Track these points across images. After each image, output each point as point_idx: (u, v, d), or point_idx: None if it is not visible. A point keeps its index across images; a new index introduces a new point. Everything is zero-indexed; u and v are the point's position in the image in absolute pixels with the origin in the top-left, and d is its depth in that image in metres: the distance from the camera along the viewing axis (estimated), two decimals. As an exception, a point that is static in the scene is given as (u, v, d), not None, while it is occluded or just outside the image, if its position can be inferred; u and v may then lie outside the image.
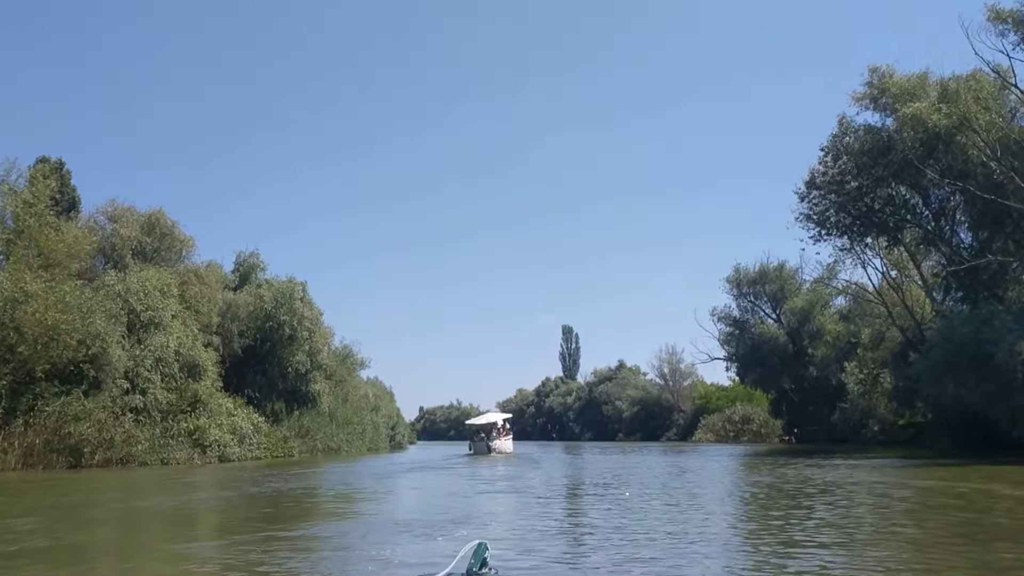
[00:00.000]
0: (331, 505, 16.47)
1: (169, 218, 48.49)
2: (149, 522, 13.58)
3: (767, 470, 25.99)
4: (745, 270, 68.29)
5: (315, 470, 31.67)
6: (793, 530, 10.39)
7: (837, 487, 17.78)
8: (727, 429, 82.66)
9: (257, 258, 58.96)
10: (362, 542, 9.79)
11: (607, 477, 23.11)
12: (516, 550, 8.40)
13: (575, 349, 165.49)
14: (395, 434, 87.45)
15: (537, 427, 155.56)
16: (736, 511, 13.80)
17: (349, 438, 64.22)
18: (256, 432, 43.74)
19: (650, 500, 15.24)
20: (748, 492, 17.29)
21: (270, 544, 9.64)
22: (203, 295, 47.27)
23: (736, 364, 71.97)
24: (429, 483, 24.06)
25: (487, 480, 24.39)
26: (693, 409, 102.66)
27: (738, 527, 11.54)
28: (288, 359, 52.87)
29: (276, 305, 52.45)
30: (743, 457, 40.57)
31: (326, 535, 10.98)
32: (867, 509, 13.66)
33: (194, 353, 41.56)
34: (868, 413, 54.64)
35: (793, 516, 12.01)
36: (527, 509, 14.15)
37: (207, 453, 38.32)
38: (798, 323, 65.36)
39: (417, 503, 16.59)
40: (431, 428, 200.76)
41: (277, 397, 54.00)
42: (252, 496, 18.48)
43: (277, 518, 13.66)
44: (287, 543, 9.84)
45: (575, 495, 17.76)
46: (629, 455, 45.11)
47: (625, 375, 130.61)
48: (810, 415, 66.82)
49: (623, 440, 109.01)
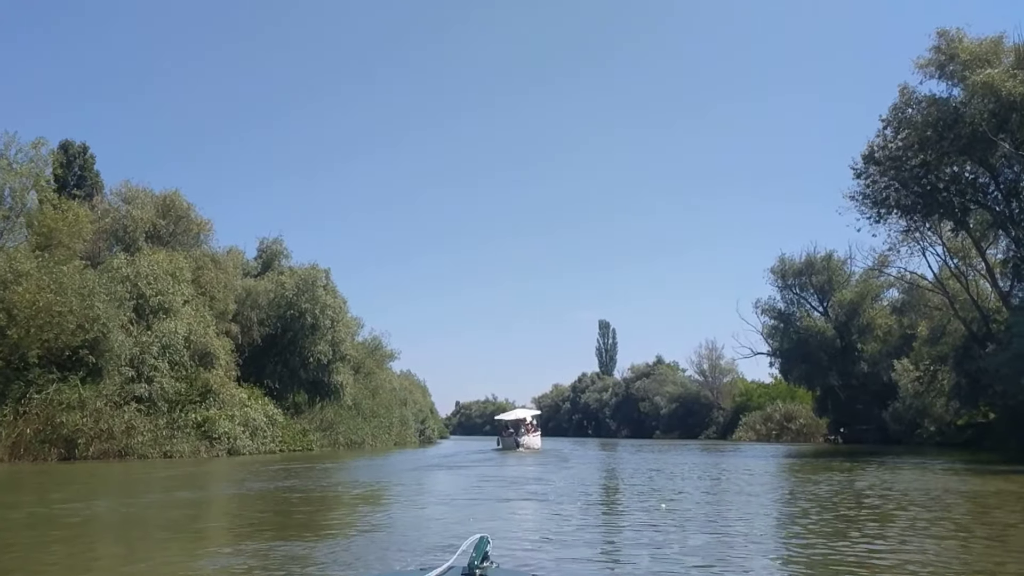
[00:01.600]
0: (308, 514, 13.92)
1: (185, 200, 46.42)
2: (72, 528, 11.14)
3: (823, 474, 23.03)
4: (790, 261, 64.82)
5: (327, 466, 29.28)
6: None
7: (931, 497, 14.86)
8: (768, 428, 79.24)
9: (280, 244, 56.91)
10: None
11: (641, 480, 20.39)
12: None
13: (612, 345, 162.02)
14: (424, 428, 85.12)
15: (573, 423, 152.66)
16: (799, 533, 10.99)
17: (375, 432, 61.89)
18: (271, 424, 41.52)
19: (689, 517, 12.41)
20: (809, 506, 14.32)
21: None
22: (219, 281, 45.15)
23: (780, 359, 68.45)
24: (442, 485, 21.47)
25: (507, 482, 21.71)
26: (733, 407, 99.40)
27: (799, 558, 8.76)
28: (310, 349, 50.68)
29: (297, 293, 50.27)
30: (790, 458, 37.57)
31: (280, 555, 8.43)
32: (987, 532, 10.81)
33: (206, 340, 39.41)
34: (923, 412, 51.18)
35: (881, 546, 9.21)
36: (544, 525, 11.45)
37: (215, 446, 36.13)
38: (847, 316, 61.79)
39: (416, 516, 13.95)
40: (467, 423, 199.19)
41: (298, 388, 51.87)
42: (220, 498, 16.07)
43: (231, 527, 11.18)
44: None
45: (603, 505, 15.03)
46: (666, 454, 42.28)
47: (663, 371, 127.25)
48: (858, 414, 63.32)
49: (660, 437, 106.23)
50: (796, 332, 64.28)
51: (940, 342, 45.43)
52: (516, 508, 13.80)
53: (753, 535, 10.22)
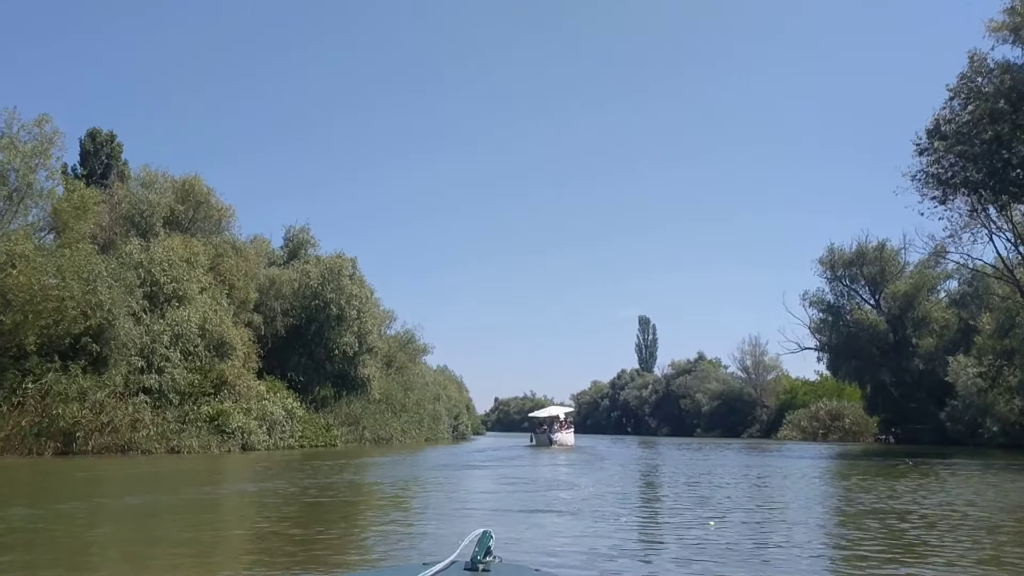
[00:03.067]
0: (286, 523, 11.65)
1: (205, 185, 44.56)
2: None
3: (891, 481, 20.30)
4: (840, 251, 61.36)
5: (341, 463, 27.11)
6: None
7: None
8: (815, 426, 76.01)
9: (307, 233, 54.92)
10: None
11: (683, 486, 17.90)
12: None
13: (652, 341, 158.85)
14: (458, 424, 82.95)
15: (612, 421, 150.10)
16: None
17: (405, 427, 59.84)
18: (289, 419, 39.48)
19: (742, 539, 9.88)
20: (901, 528, 11.69)
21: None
22: (239, 269, 43.27)
23: (828, 355, 65.05)
24: (459, 489, 19.11)
25: (533, 487, 19.31)
26: (777, 405, 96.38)
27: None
28: (335, 340, 48.62)
29: (322, 282, 48.26)
30: (843, 460, 34.74)
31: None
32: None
33: (222, 330, 37.48)
34: (985, 411, 47.81)
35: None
36: (571, 546, 9.02)
37: (229, 441, 34.16)
38: (900, 310, 58.31)
39: (415, 534, 11.60)
40: (505, 419, 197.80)
41: (324, 382, 49.92)
42: (190, 501, 13.89)
43: (173, 543, 8.94)
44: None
45: (641, 520, 12.51)
46: (710, 454, 39.64)
47: (704, 368, 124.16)
48: (911, 413, 59.97)
49: (701, 436, 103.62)
50: (846, 326, 60.93)
51: (1009, 335, 42.05)
52: (540, 522, 11.37)
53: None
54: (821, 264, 61.85)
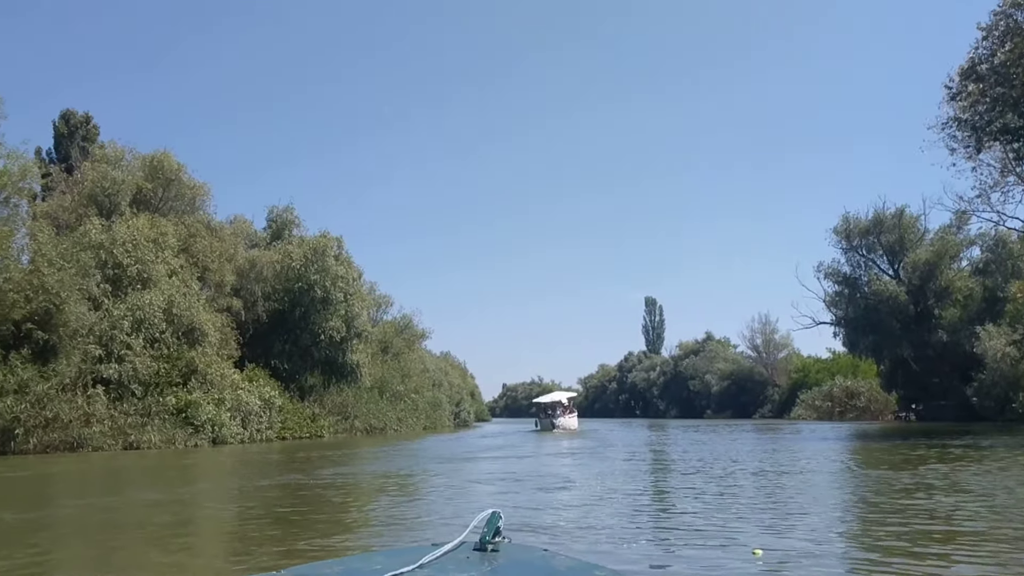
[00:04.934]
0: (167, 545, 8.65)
1: (176, 161, 41.61)
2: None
3: (948, 467, 17.25)
4: (856, 219, 57.75)
5: (317, 456, 24.18)
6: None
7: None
8: (829, 406, 72.77)
9: (291, 213, 52.00)
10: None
11: (700, 484, 14.86)
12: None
13: (659, 322, 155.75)
14: (460, 411, 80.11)
15: (620, 404, 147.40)
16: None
17: (401, 416, 57.13)
18: (267, 409, 36.57)
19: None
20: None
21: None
22: (214, 250, 40.41)
23: (845, 329, 61.60)
24: (432, 494, 16.10)
25: (523, 487, 16.32)
26: (789, 384, 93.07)
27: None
28: (321, 325, 45.67)
29: (306, 263, 45.29)
30: (872, 442, 31.65)
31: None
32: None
33: (191, 315, 34.58)
34: (1016, 384, 44.62)
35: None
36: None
37: (198, 434, 31.26)
38: (921, 279, 54.83)
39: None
40: (513, 405, 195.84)
41: (310, 369, 47.03)
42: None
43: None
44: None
45: (659, 543, 9.48)
46: (723, 437, 36.61)
47: (713, 348, 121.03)
48: (933, 388, 56.64)
49: (712, 417, 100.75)
50: (864, 298, 57.48)
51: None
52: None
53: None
54: (836, 233, 58.38)
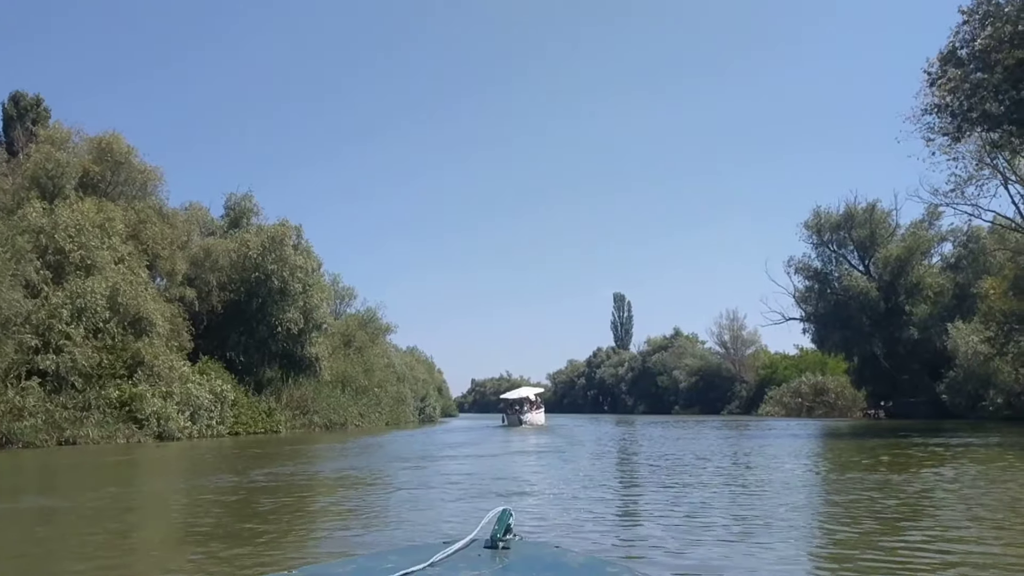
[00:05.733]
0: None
1: (126, 143, 39.75)
2: None
3: (935, 468, 16.20)
4: (827, 214, 57.16)
5: (262, 452, 22.75)
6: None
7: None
8: (798, 402, 72.24)
9: (250, 201, 50.08)
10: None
11: (681, 488, 13.66)
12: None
13: (627, 318, 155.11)
14: (424, 406, 78.62)
15: (588, 400, 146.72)
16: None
17: (363, 411, 55.66)
18: (218, 403, 34.96)
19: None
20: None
21: None
22: (165, 237, 38.67)
23: (814, 325, 61.01)
24: (357, 514, 14.75)
25: (473, 491, 15.04)
26: (757, 380, 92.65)
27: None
28: (279, 317, 44.05)
29: (263, 252, 43.57)
30: (844, 439, 30.71)
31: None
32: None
33: (138, 304, 32.86)
34: (987, 381, 44.04)
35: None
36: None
37: (143, 430, 29.63)
38: (892, 275, 54.35)
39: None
40: (481, 400, 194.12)
41: (268, 362, 45.38)
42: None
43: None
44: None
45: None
46: (691, 432, 35.59)
47: (682, 343, 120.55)
48: (903, 385, 56.27)
49: (680, 413, 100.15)
50: (834, 294, 56.96)
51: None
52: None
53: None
54: (807, 228, 57.77)
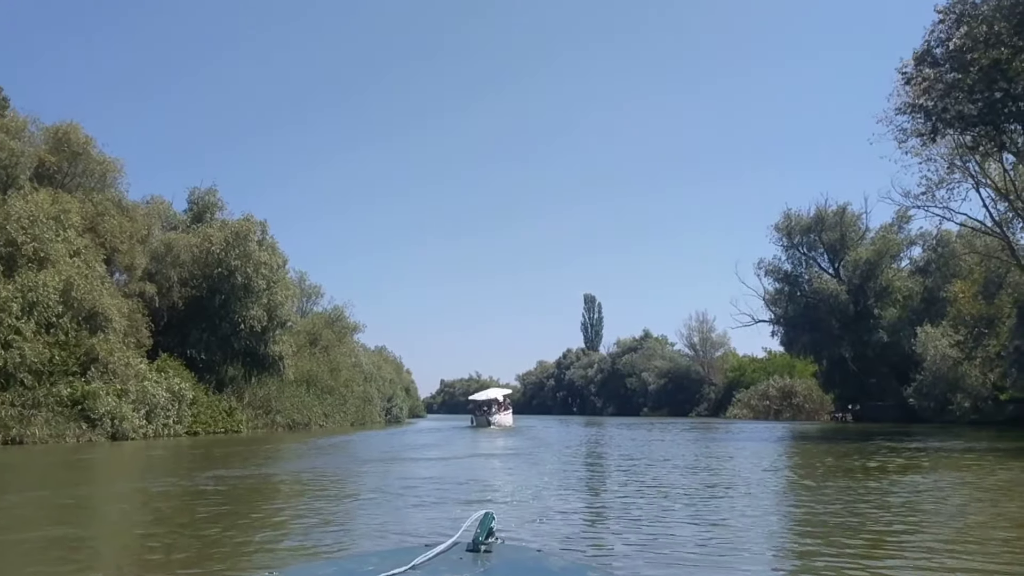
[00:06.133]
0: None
1: (85, 133, 38.65)
2: None
3: (929, 478, 15.74)
4: (797, 216, 57.07)
5: (215, 452, 21.89)
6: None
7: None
8: (765, 405, 72.30)
9: (214, 195, 48.91)
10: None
11: (637, 500, 13.09)
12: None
13: (598, 319, 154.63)
14: (391, 406, 77.67)
15: (558, 401, 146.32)
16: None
17: (328, 411, 54.76)
18: (176, 402, 33.97)
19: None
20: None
21: None
22: (124, 231, 37.56)
23: (783, 328, 60.81)
24: (294, 521, 13.98)
25: (430, 497, 14.35)
26: (725, 383, 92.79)
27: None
28: (242, 314, 42.99)
29: (226, 248, 42.54)
30: (814, 443, 30.41)
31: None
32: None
33: (94, 299, 31.79)
34: (956, 386, 43.97)
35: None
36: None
37: (94, 428, 28.61)
38: (861, 278, 54.29)
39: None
40: (450, 401, 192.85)
41: (231, 360, 44.30)
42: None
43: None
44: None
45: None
46: (661, 435, 35.13)
47: (651, 345, 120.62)
48: (871, 389, 56.31)
49: (648, 415, 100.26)
50: (804, 296, 56.78)
51: (997, 298, 37.78)
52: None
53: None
54: (777, 230, 57.59)
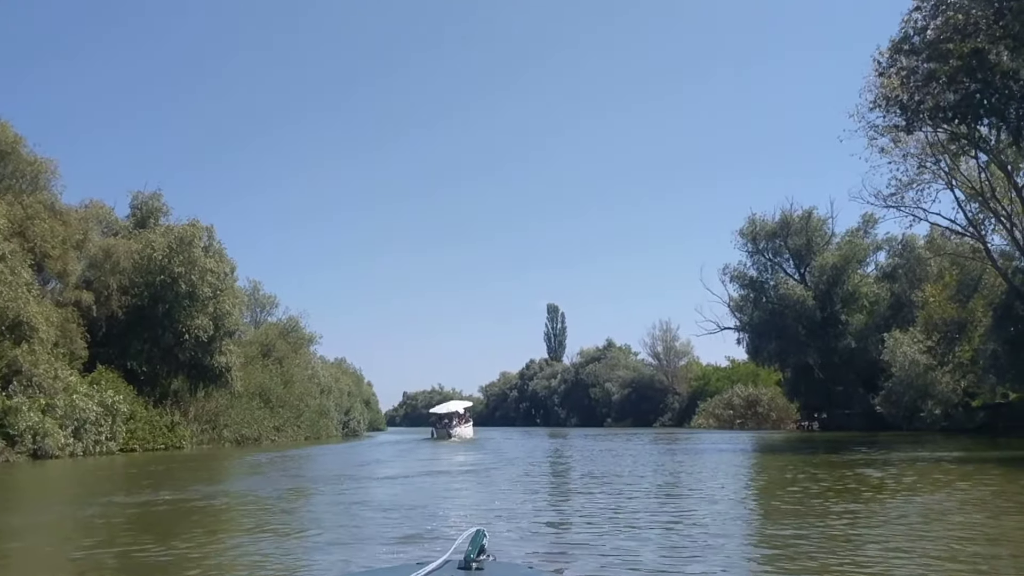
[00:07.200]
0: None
1: (14, 132, 36.32)
2: None
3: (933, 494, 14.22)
4: (762, 221, 55.97)
5: (131, 474, 19.86)
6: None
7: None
8: (730, 414, 71.28)
9: (159, 200, 46.50)
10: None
11: (602, 524, 11.41)
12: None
13: (561, 329, 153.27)
14: (349, 420, 75.49)
15: (521, 412, 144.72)
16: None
17: (281, 425, 52.67)
18: (109, 417, 31.74)
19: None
20: None
21: None
22: (57, 235, 35.30)
23: (749, 335, 59.54)
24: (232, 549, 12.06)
25: (364, 529, 12.54)
26: (689, 392, 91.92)
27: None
28: (186, 324, 40.73)
29: (170, 254, 40.28)
30: (785, 455, 28.97)
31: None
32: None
33: (17, 307, 29.52)
34: (925, 393, 42.85)
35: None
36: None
37: (13, 447, 26.36)
38: (828, 284, 53.24)
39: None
40: (412, 414, 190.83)
41: (175, 372, 42.08)
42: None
43: None
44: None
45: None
46: (625, 446, 33.51)
47: (614, 355, 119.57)
48: (838, 397, 55.27)
49: (612, 425, 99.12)
50: (770, 302, 55.58)
51: (972, 301, 36.63)
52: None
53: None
54: (742, 235, 56.41)
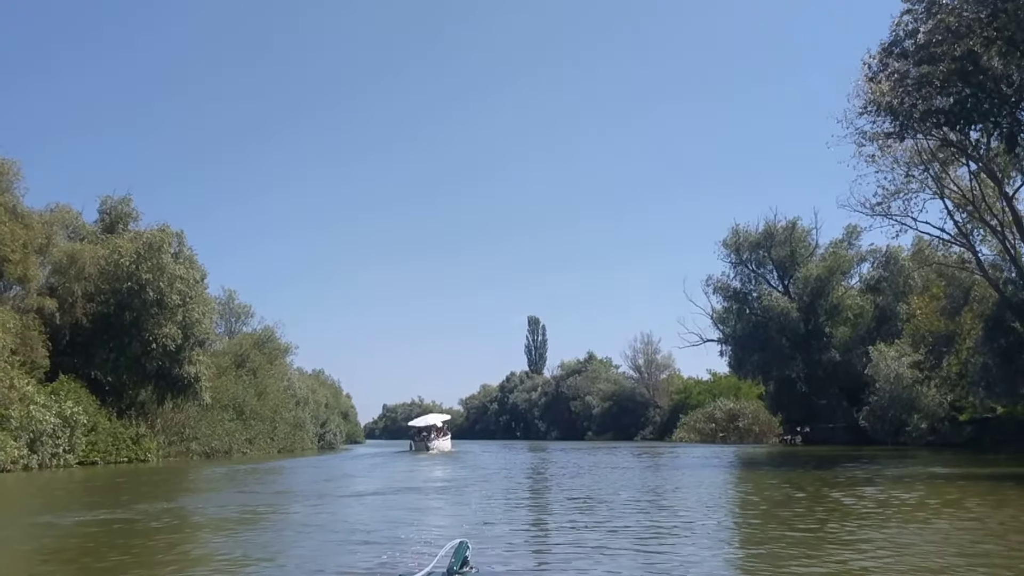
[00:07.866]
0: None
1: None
2: None
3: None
4: (746, 232, 55.27)
5: (84, 489, 18.62)
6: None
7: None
8: (712, 428, 70.44)
9: (128, 205, 45.05)
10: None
11: (589, 531, 10.39)
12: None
13: (542, 342, 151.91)
14: (325, 432, 74.04)
15: (501, 425, 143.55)
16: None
17: (253, 437, 51.26)
18: (68, 428, 30.39)
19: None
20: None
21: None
22: (17, 239, 34.00)
23: (732, 347, 58.68)
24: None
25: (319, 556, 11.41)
26: (671, 405, 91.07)
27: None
28: (154, 332, 39.36)
29: (138, 260, 38.96)
30: (779, 470, 28.00)
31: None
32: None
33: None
34: (911, 407, 42.06)
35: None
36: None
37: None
38: (812, 296, 52.50)
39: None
40: (392, 426, 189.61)
41: (142, 383, 40.73)
42: None
43: None
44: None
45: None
46: (606, 460, 32.46)
47: (595, 367, 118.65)
48: (821, 410, 54.50)
49: (593, 439, 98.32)
50: (753, 314, 54.82)
51: (962, 314, 35.86)
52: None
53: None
54: (725, 246, 55.70)
